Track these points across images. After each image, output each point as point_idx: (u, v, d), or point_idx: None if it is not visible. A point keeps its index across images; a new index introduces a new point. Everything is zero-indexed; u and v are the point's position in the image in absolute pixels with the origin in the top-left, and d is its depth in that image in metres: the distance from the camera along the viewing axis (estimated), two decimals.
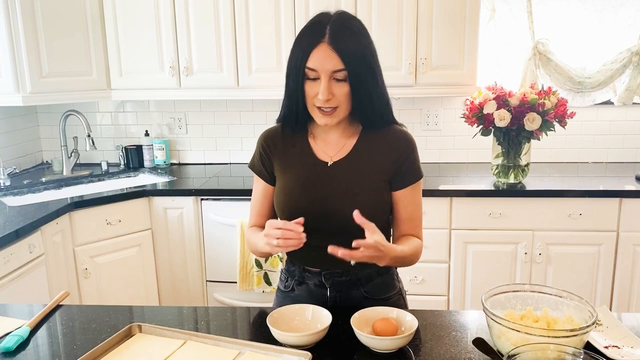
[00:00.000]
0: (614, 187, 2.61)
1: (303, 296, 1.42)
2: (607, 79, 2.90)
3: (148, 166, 3.32)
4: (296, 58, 1.26)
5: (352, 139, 1.37)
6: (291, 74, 1.28)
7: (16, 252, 2.13)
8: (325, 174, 1.36)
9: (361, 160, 1.35)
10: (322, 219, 1.33)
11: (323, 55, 1.22)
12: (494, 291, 1.20)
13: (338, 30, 1.22)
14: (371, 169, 1.35)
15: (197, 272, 2.86)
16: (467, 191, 2.64)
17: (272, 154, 1.42)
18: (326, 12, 1.29)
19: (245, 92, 2.92)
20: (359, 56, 1.23)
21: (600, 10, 2.93)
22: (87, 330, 1.29)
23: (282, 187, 1.39)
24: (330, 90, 1.24)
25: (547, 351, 0.99)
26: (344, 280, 1.38)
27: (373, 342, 1.14)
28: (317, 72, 1.23)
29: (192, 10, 2.84)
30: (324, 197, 1.34)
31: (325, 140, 1.39)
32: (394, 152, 1.35)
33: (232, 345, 1.16)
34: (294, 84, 1.28)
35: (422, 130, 3.20)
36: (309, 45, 1.23)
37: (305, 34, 1.26)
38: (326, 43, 1.22)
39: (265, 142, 1.43)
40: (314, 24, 1.26)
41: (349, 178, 1.34)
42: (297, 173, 1.38)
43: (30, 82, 2.71)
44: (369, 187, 1.34)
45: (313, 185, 1.35)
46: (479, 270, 2.70)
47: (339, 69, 1.22)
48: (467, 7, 2.70)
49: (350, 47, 1.22)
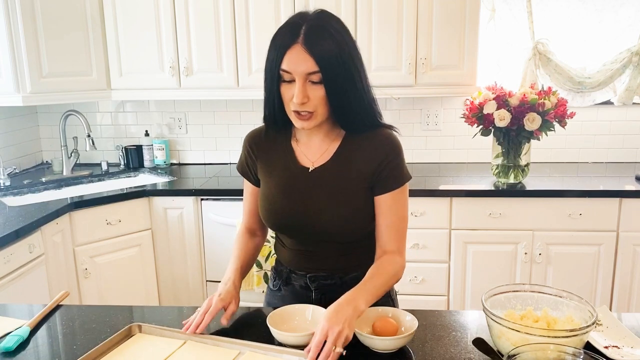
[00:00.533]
0: (614, 187, 2.61)
1: (289, 297, 1.42)
2: (607, 79, 2.90)
3: (148, 166, 3.32)
4: (271, 59, 1.22)
5: (335, 142, 1.33)
6: (267, 75, 1.24)
7: (16, 252, 2.13)
8: (306, 180, 1.32)
9: (343, 165, 1.31)
10: (303, 224, 1.32)
11: (297, 57, 1.17)
12: (494, 291, 1.20)
13: (313, 31, 1.17)
14: (352, 175, 1.30)
15: (197, 272, 2.86)
16: (467, 191, 2.64)
17: (256, 156, 1.40)
18: (305, 12, 1.24)
19: (245, 92, 2.92)
20: (335, 58, 1.17)
21: (600, 10, 2.93)
22: (87, 330, 1.29)
23: (265, 194, 1.38)
24: (305, 94, 1.19)
25: (547, 351, 0.99)
26: (329, 283, 1.37)
27: (373, 342, 1.15)
28: (292, 74, 1.19)
29: (192, 11, 2.84)
30: (305, 204, 1.31)
31: (307, 145, 1.35)
32: (376, 156, 1.29)
33: (232, 345, 1.16)
34: (270, 85, 1.24)
35: (422, 130, 3.20)
36: (282, 46, 1.19)
37: (280, 34, 1.22)
38: (300, 44, 1.17)
39: (249, 144, 1.41)
40: (289, 24, 1.21)
41: (330, 184, 1.31)
42: (278, 179, 1.35)
43: (30, 82, 2.71)
44: (349, 193, 1.30)
45: (294, 192, 1.33)
46: (479, 270, 2.70)
47: (313, 71, 1.17)
48: (467, 7, 2.70)
49: (325, 49, 1.16)
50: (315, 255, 1.37)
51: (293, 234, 1.37)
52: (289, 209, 1.33)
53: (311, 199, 1.31)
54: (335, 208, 1.29)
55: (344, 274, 1.37)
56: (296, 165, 1.34)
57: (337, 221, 1.30)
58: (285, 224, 1.35)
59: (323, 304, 1.37)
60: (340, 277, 1.37)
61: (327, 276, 1.37)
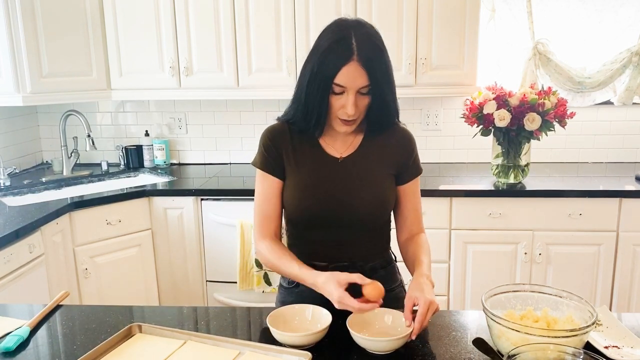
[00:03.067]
0: (613, 187, 2.61)
1: (307, 291, 1.40)
2: (607, 79, 2.90)
3: (148, 166, 3.32)
4: (322, 74, 1.26)
5: (359, 135, 1.42)
6: (313, 87, 1.29)
7: (16, 252, 2.13)
8: (337, 169, 1.39)
9: (369, 155, 1.40)
10: (333, 213, 1.37)
11: (354, 73, 1.24)
12: (494, 291, 1.20)
13: (365, 47, 1.24)
14: (379, 163, 1.40)
15: (197, 272, 2.86)
16: (467, 191, 2.64)
17: (282, 148, 1.41)
18: (345, 24, 1.29)
19: (245, 92, 2.92)
20: (384, 71, 1.27)
21: (600, 10, 2.93)
22: (87, 330, 1.29)
23: (295, 184, 1.40)
24: (356, 105, 1.28)
25: (547, 351, 0.99)
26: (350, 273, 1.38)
27: (368, 344, 1.14)
28: (345, 87, 1.26)
29: (192, 11, 2.84)
30: (337, 191, 1.38)
31: (333, 137, 1.42)
32: (399, 147, 1.42)
33: (232, 346, 1.16)
34: (318, 97, 1.29)
35: (422, 130, 3.20)
36: (338, 62, 1.24)
37: (332, 50, 1.25)
38: (356, 61, 1.23)
39: (271, 138, 1.42)
40: (339, 40, 1.25)
41: (359, 172, 1.39)
42: (309, 169, 1.40)
43: (30, 82, 2.71)
44: (377, 180, 1.40)
45: (326, 181, 1.39)
46: (479, 270, 2.70)
47: (366, 85, 1.26)
48: (467, 7, 2.70)
49: (377, 64, 1.25)
50: (340, 244, 1.41)
51: (323, 222, 1.39)
52: (322, 197, 1.38)
53: (343, 186, 1.38)
54: (365, 193, 1.38)
55: (365, 262, 1.42)
56: (325, 156, 1.41)
57: (368, 206, 1.38)
58: (317, 212, 1.38)
59: None
60: (360, 266, 1.41)
61: (349, 265, 1.40)
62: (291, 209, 1.41)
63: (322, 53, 1.27)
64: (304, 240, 1.45)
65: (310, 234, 1.43)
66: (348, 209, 1.37)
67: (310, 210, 1.39)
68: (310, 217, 1.40)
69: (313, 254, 1.42)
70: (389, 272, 1.49)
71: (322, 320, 1.23)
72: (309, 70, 1.30)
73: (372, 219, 1.40)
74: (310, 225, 1.42)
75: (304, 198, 1.39)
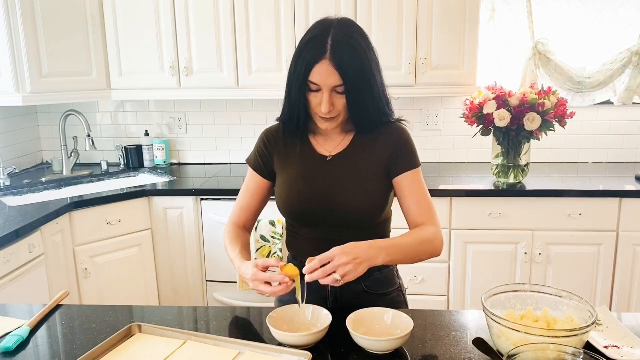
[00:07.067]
0: (613, 187, 2.61)
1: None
2: (607, 79, 2.90)
3: (148, 166, 3.32)
4: (298, 71, 1.29)
5: (350, 134, 1.42)
6: (293, 85, 1.32)
7: (16, 252, 2.13)
8: (325, 167, 1.40)
9: (359, 152, 1.40)
10: (323, 211, 1.37)
11: (325, 72, 1.25)
12: (494, 291, 1.20)
13: (339, 46, 1.24)
14: (369, 160, 1.39)
15: (197, 272, 2.86)
16: (467, 191, 2.64)
17: (273, 150, 1.46)
18: (327, 23, 1.30)
19: (245, 92, 2.92)
20: (357, 73, 1.26)
21: (600, 10, 2.93)
22: (87, 330, 1.29)
23: (284, 181, 1.43)
24: (331, 103, 1.29)
25: (547, 351, 0.99)
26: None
27: (368, 344, 1.14)
28: (319, 85, 1.27)
29: (192, 11, 2.84)
30: (324, 189, 1.38)
31: (324, 137, 1.43)
32: (389, 143, 1.40)
33: (232, 346, 1.16)
34: (296, 95, 1.32)
35: (422, 130, 3.20)
36: (310, 60, 1.26)
37: (307, 47, 1.28)
38: (327, 60, 1.24)
39: (266, 138, 1.48)
40: (315, 38, 1.27)
41: (348, 169, 1.39)
42: (297, 167, 1.42)
43: (30, 82, 2.71)
44: (367, 177, 1.38)
45: (314, 178, 1.40)
46: (479, 270, 2.70)
47: (339, 84, 1.26)
48: (467, 7, 2.70)
49: (349, 64, 1.25)
50: (331, 243, 1.37)
51: (314, 220, 1.40)
52: (310, 194, 1.39)
53: (331, 184, 1.38)
54: (354, 191, 1.37)
55: None
56: (314, 154, 1.42)
57: (357, 204, 1.36)
58: (306, 210, 1.39)
59: (339, 296, 1.40)
60: None
61: None
62: (281, 207, 1.43)
63: (299, 50, 1.30)
64: (299, 237, 1.46)
65: (303, 231, 1.44)
66: (336, 207, 1.37)
67: (298, 208, 1.40)
68: (299, 215, 1.42)
69: (306, 252, 1.41)
70: (386, 275, 1.46)
71: (322, 320, 1.23)
72: (291, 68, 1.33)
73: (361, 217, 1.37)
74: (301, 222, 1.44)
75: (292, 195, 1.40)
